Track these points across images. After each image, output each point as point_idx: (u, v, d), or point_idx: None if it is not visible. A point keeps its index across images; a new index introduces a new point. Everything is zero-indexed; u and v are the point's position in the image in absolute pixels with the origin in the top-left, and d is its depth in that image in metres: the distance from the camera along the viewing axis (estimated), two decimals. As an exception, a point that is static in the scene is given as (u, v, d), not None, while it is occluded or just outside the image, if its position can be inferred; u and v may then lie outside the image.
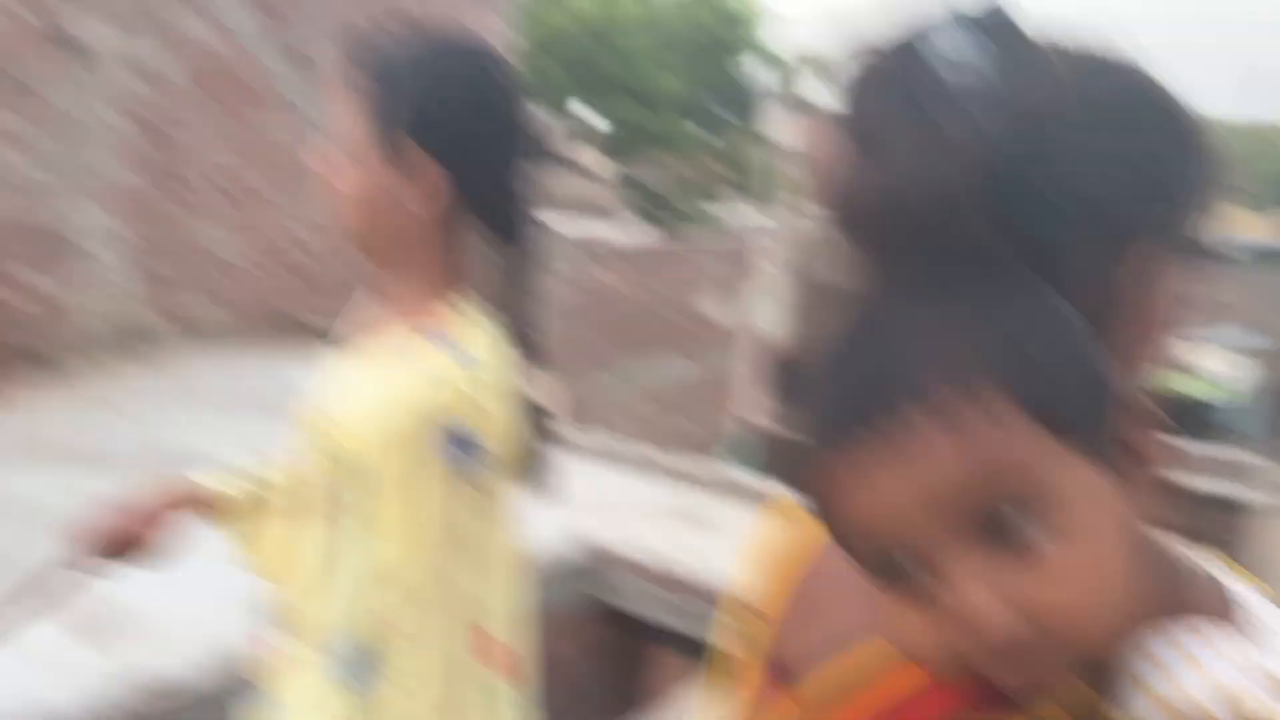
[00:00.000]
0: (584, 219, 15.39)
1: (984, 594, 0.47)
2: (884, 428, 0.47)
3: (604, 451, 5.86)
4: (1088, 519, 0.47)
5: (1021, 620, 0.46)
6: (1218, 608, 0.51)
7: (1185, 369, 15.45)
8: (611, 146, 11.07)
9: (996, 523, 0.47)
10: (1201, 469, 9.17)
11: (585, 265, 8.79)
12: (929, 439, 0.47)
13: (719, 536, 4.49)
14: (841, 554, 0.53)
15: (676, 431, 9.76)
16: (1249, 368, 16.69)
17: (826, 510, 0.51)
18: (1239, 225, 25.77)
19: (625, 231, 11.92)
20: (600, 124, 10.87)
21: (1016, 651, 0.47)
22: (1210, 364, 16.46)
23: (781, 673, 0.65)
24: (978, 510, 0.47)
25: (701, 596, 3.88)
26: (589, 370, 8.85)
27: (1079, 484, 0.47)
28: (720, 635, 0.76)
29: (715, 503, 5.01)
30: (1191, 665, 0.48)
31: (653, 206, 11.79)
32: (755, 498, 4.87)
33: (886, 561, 0.50)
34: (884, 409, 0.48)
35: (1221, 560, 0.55)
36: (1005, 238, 0.51)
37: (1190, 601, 0.51)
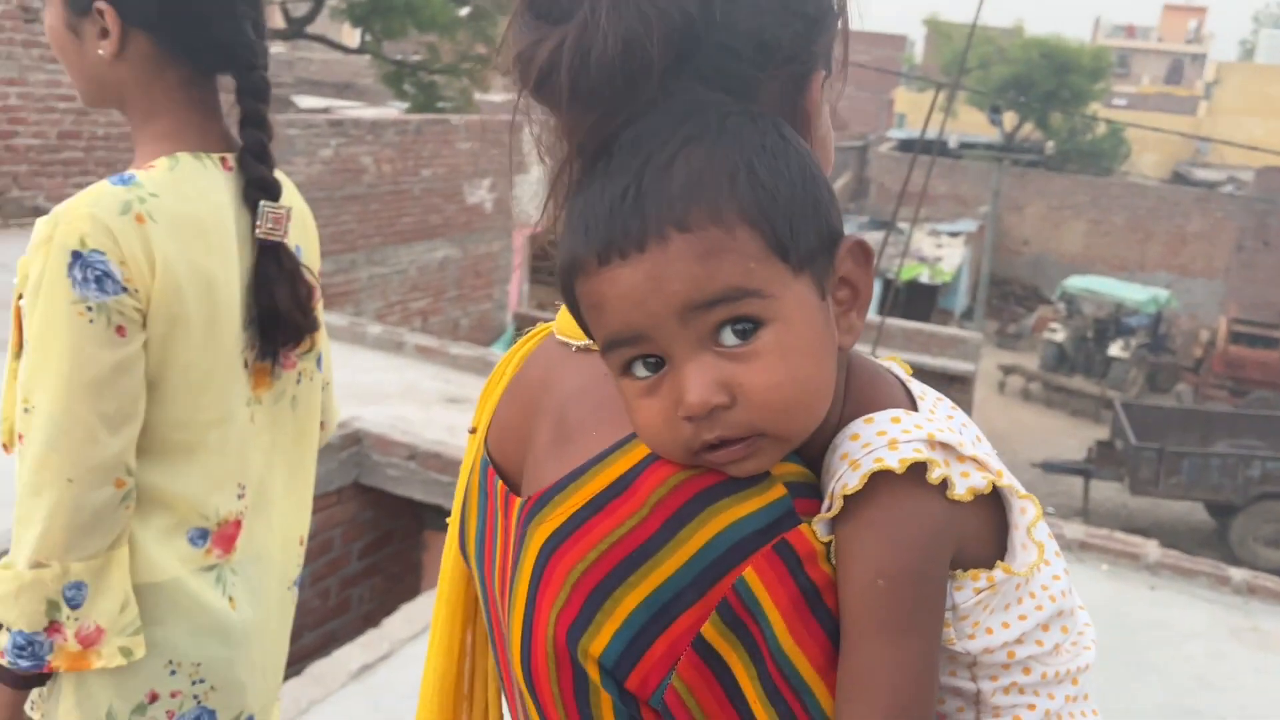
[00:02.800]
0: (341, 97, 14.52)
1: (697, 373, 0.57)
2: (641, 239, 0.56)
3: (361, 335, 5.76)
4: (796, 330, 0.58)
5: (722, 391, 0.57)
6: (900, 398, 0.65)
7: (913, 256, 16.85)
8: (363, 19, 10.40)
9: (727, 329, 0.57)
10: (927, 346, 10.15)
11: (342, 146, 8.37)
12: (681, 252, 0.56)
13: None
14: (600, 369, 0.63)
15: (441, 318, 9.66)
16: (961, 251, 18.38)
17: (589, 312, 0.60)
18: (965, 123, 28.00)
19: (384, 111, 11.39)
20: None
21: (720, 421, 0.57)
22: (933, 250, 18.01)
23: (506, 479, 0.72)
24: (714, 318, 0.57)
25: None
26: (345, 254, 8.54)
27: (795, 301, 0.58)
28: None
29: (480, 385, 5.04)
30: (880, 438, 0.60)
31: (412, 85, 11.26)
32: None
33: (633, 358, 0.59)
34: (642, 223, 0.56)
35: (900, 365, 0.70)
36: (701, 80, 0.60)
37: (880, 396, 0.64)
